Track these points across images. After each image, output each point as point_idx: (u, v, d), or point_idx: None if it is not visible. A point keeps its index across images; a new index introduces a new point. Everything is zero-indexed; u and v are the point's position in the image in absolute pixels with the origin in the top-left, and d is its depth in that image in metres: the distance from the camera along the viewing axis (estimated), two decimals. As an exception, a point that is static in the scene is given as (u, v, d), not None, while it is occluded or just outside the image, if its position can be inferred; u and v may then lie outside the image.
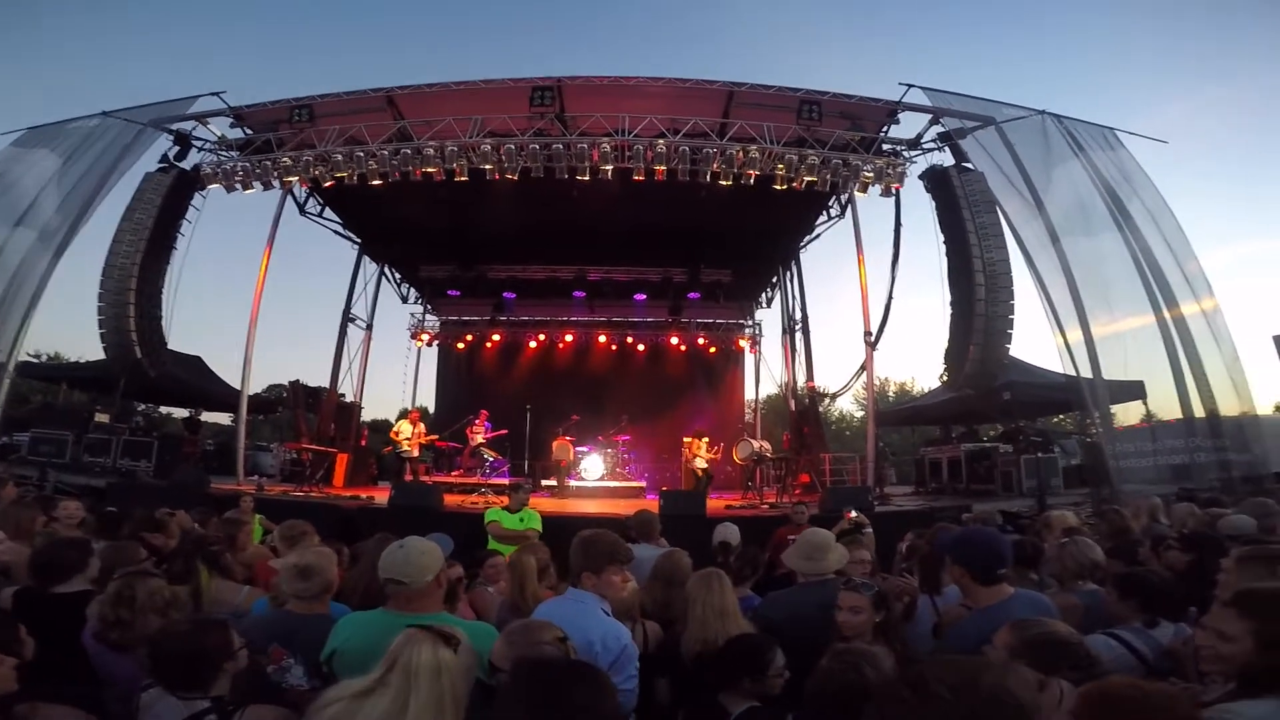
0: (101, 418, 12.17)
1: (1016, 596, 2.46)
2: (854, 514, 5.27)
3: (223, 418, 19.29)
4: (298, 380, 14.15)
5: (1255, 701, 1.51)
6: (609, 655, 2.29)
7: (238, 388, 12.18)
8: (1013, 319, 9.92)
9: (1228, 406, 9.59)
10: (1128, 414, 11.64)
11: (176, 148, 11.73)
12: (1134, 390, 10.73)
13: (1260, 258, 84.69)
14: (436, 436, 12.90)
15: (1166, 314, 9.78)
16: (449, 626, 1.73)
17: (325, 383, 14.47)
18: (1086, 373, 9.55)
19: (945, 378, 11.11)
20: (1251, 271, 79.81)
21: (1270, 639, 1.61)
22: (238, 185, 11.30)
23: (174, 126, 11.66)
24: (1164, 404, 10.47)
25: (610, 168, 10.80)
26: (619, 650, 2.34)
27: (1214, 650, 1.72)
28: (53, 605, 2.60)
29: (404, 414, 14.37)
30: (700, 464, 11.69)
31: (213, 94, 11.57)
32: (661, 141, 10.69)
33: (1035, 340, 16.34)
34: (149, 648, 2.03)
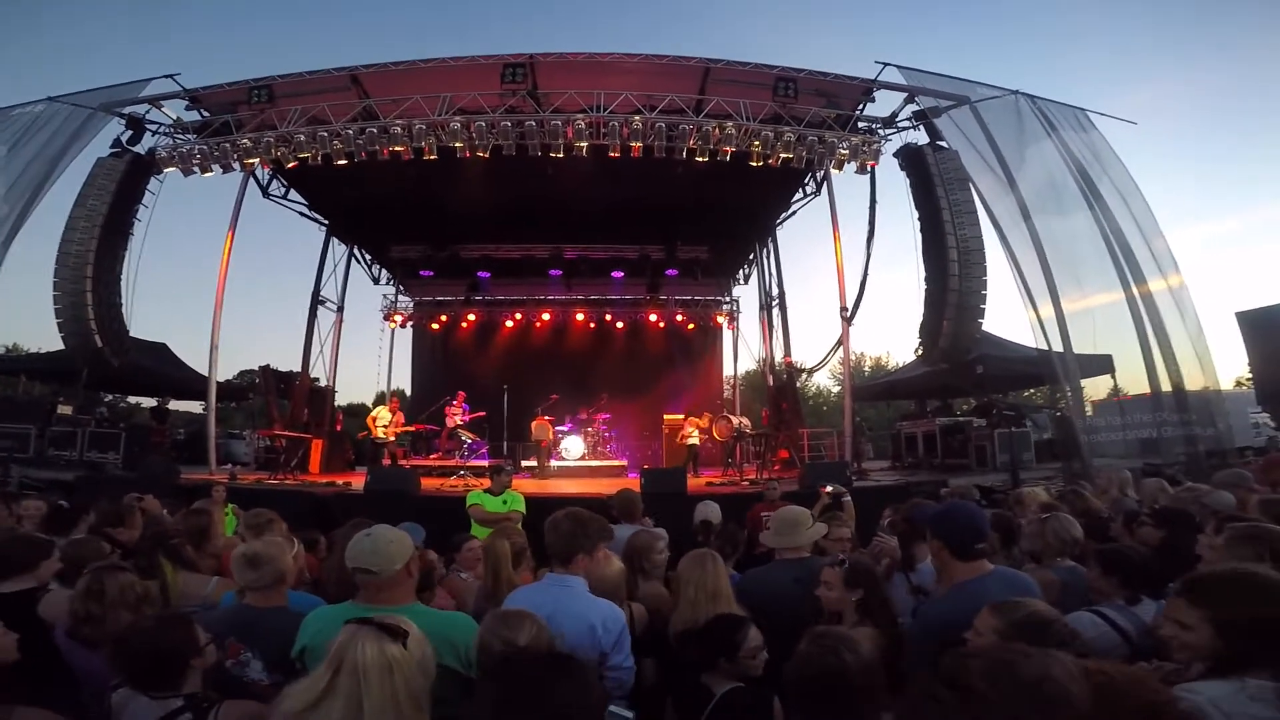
0: (64, 409, 11.83)
1: (994, 573, 2.44)
2: (829, 489, 5.31)
3: (193, 406, 18.85)
4: (268, 365, 13.83)
5: (1216, 681, 1.52)
6: (610, 637, 2.30)
7: (206, 375, 11.90)
8: (985, 294, 10.05)
9: (1193, 381, 9.85)
10: (1096, 388, 11.94)
11: (129, 132, 11.28)
12: (1103, 364, 10.98)
13: (1224, 237, 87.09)
14: (416, 423, 12.76)
15: (1135, 290, 9.98)
16: (394, 617, 1.64)
17: (297, 367, 14.18)
18: (1058, 347, 9.74)
19: (920, 352, 11.24)
20: (1216, 250, 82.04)
21: (1226, 625, 1.62)
22: (195, 168, 10.89)
23: (126, 110, 11.19)
24: (1132, 379, 10.75)
25: (585, 145, 10.61)
26: (619, 631, 2.35)
27: (1178, 639, 1.73)
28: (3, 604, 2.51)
29: (381, 399, 14.18)
30: (693, 440, 11.85)
31: (166, 76, 11.11)
32: (637, 118, 10.54)
33: (1008, 315, 16.60)
34: (114, 647, 1.96)
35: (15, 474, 9.58)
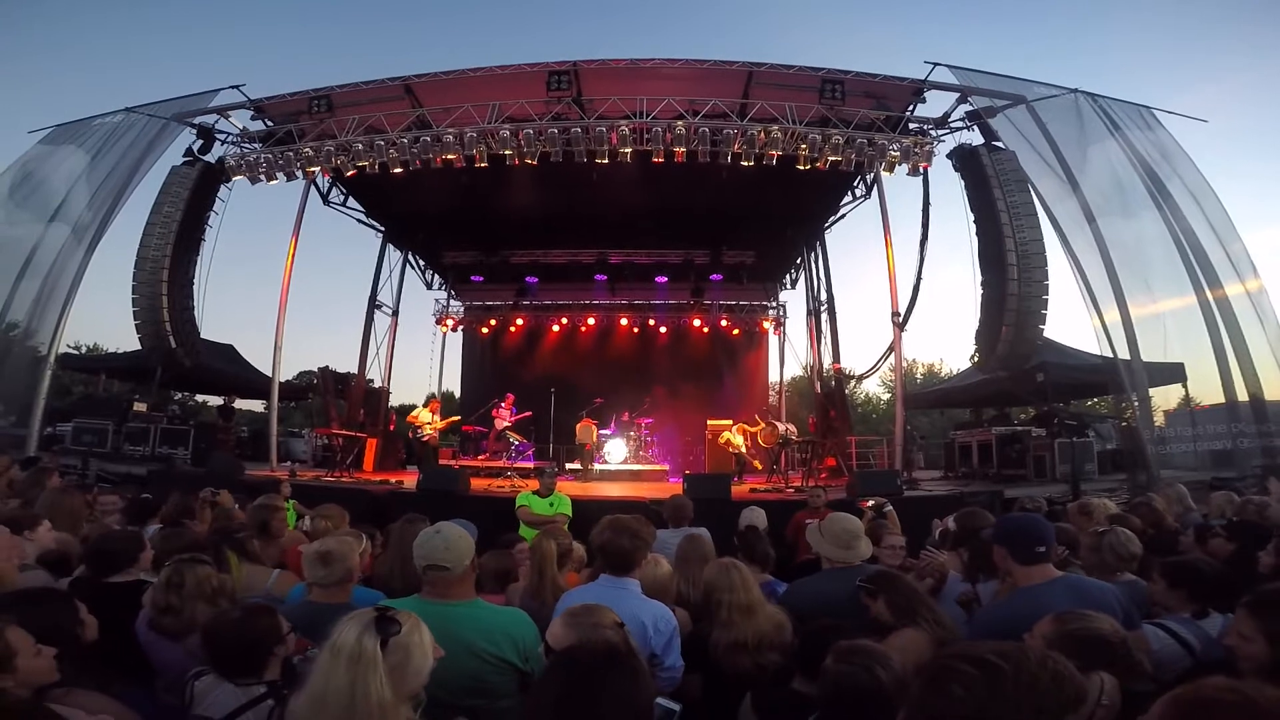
0: (140, 407, 12.47)
1: (1061, 580, 2.42)
2: (870, 502, 5.20)
3: (256, 405, 19.71)
4: (327, 367, 14.42)
5: None
6: (661, 638, 2.35)
7: (269, 375, 12.42)
8: (1047, 299, 9.66)
9: (1273, 390, 9.29)
10: (1167, 397, 11.33)
11: (200, 141, 11.90)
12: (1174, 373, 10.41)
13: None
14: (457, 419, 13.00)
15: (1209, 295, 9.47)
16: (403, 613, 1.63)
17: (353, 369, 14.71)
18: (1124, 354, 9.32)
19: (976, 359, 10.91)
20: (1290, 255, 76.80)
21: (1277, 638, 1.66)
22: (261, 176, 11.44)
23: (196, 120, 11.83)
24: (1205, 387, 10.16)
25: (629, 150, 10.69)
26: (670, 631, 2.40)
27: (1241, 649, 1.77)
28: (108, 595, 2.62)
29: (427, 401, 14.53)
30: (740, 447, 11.86)
31: (233, 87, 11.69)
32: (680, 123, 10.56)
33: (1071, 321, 15.94)
34: (203, 636, 2.04)
35: (94, 467, 10.20)
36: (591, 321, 17.85)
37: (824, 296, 14.90)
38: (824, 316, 14.89)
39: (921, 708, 1.16)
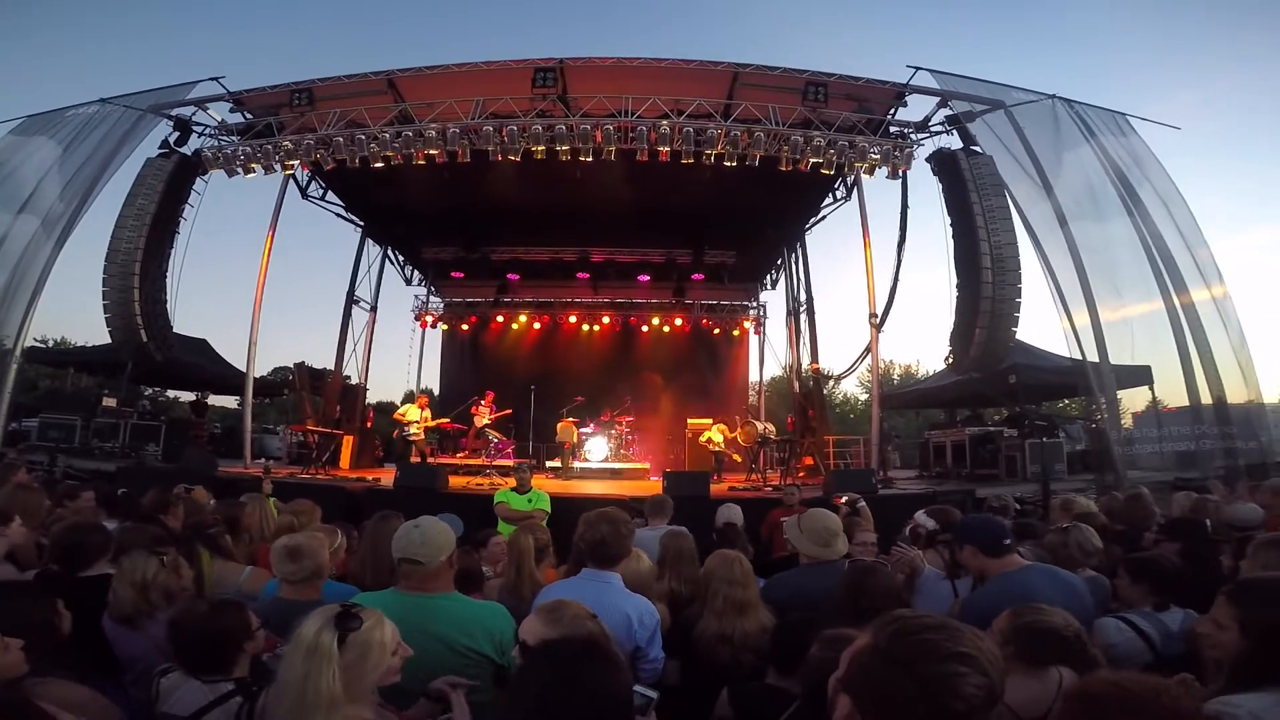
0: (109, 402, 12.24)
1: (1035, 567, 2.57)
2: (844, 499, 5.30)
3: (229, 401, 19.44)
4: (303, 363, 14.21)
5: (1254, 694, 1.53)
6: (645, 631, 2.38)
7: (244, 370, 12.24)
8: (1019, 302, 9.83)
9: (1235, 394, 9.58)
10: (1134, 400, 11.63)
11: (176, 133, 11.67)
12: (1141, 375, 10.69)
13: (1272, 245, 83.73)
14: (445, 420, 12.94)
15: (1176, 300, 9.72)
16: (368, 610, 1.65)
17: (330, 365, 14.53)
18: (1093, 357, 9.52)
19: (950, 360, 11.06)
20: (1262, 260, 78.98)
21: (1253, 628, 1.67)
22: (239, 170, 11.25)
23: (173, 112, 11.59)
24: (1171, 390, 10.45)
25: (613, 149, 10.71)
26: (654, 625, 2.43)
27: (1211, 637, 1.80)
28: (77, 589, 2.57)
29: (410, 398, 14.39)
30: (717, 445, 11.92)
31: (212, 79, 11.49)
32: (665, 122, 10.60)
33: (1042, 324, 16.25)
34: (169, 630, 2.00)
35: (61, 464, 9.97)
36: (573, 319, 17.82)
37: (803, 297, 15.05)
38: (803, 317, 15.03)
39: None
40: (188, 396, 17.96)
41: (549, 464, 13.24)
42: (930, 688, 1.00)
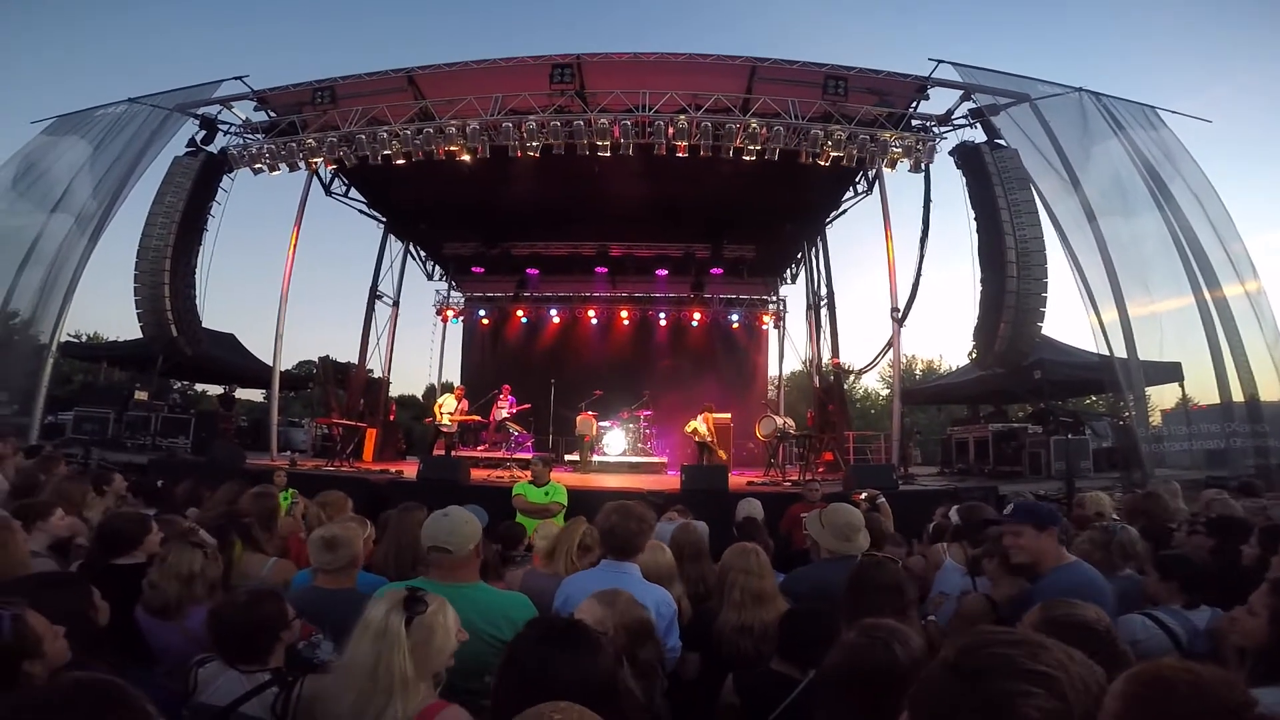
0: (140, 395, 12.52)
1: (1078, 564, 2.60)
2: (864, 494, 5.28)
3: (256, 394, 19.78)
4: (327, 357, 14.49)
5: (1274, 689, 1.50)
6: (663, 621, 2.42)
7: (270, 364, 12.47)
8: (1045, 297, 9.68)
9: (1269, 391, 9.35)
10: (1163, 397, 11.39)
11: (203, 132, 11.91)
12: (1170, 372, 10.47)
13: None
14: (473, 414, 13.10)
15: (1207, 295, 9.50)
16: (432, 595, 1.71)
17: (354, 359, 14.76)
18: (1121, 353, 9.37)
19: (974, 355, 10.93)
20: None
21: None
22: (264, 167, 11.44)
23: (199, 111, 11.84)
24: (1202, 387, 10.22)
25: (631, 144, 10.71)
26: (671, 615, 2.49)
27: (1241, 623, 1.79)
28: (113, 577, 2.60)
29: (432, 391, 14.54)
30: (702, 436, 11.78)
31: (236, 78, 11.71)
32: (683, 117, 10.56)
33: (1068, 319, 15.96)
34: (209, 620, 2.03)
35: (95, 456, 10.25)
36: (592, 314, 17.85)
37: (824, 291, 14.94)
38: (824, 311, 14.93)
39: None
40: (216, 390, 18.30)
41: (568, 457, 13.32)
42: (991, 705, 0.92)
